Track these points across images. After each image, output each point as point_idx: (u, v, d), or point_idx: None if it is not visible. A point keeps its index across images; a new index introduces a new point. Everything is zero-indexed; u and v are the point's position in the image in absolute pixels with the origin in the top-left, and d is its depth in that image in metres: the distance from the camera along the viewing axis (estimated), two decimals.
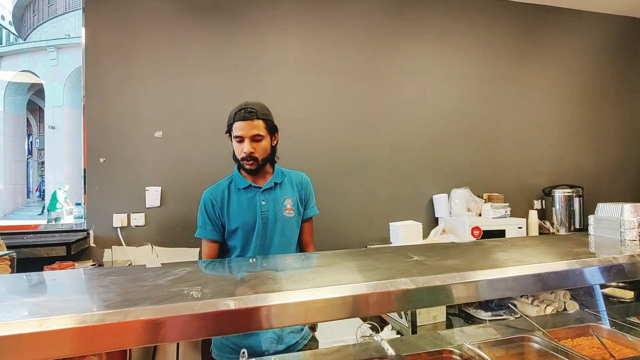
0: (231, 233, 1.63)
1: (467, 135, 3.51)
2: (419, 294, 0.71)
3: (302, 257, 1.15)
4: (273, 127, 1.64)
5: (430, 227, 3.15)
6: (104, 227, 2.74)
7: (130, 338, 0.56)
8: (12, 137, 17.32)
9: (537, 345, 1.45)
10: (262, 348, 1.53)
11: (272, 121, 1.63)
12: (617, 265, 0.80)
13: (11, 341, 0.52)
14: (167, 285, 0.71)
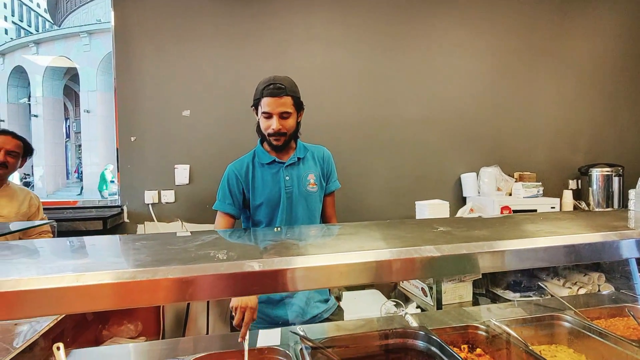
0: (256, 208, 1.65)
1: (498, 111, 3.37)
2: (444, 262, 0.70)
3: (327, 227, 1.16)
4: (300, 104, 1.63)
5: (457, 206, 3.09)
6: (137, 204, 2.85)
7: (159, 295, 0.58)
8: (51, 121, 18.16)
9: (568, 324, 1.41)
10: (290, 317, 1.57)
11: (299, 97, 1.62)
12: None
13: (52, 293, 0.55)
14: (194, 249, 0.73)
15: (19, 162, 2.06)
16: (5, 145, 1.98)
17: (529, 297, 2.77)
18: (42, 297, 0.54)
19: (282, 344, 1.20)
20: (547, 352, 1.35)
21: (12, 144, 2.00)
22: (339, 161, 1.91)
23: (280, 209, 1.62)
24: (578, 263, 1.17)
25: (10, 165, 1.99)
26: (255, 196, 1.63)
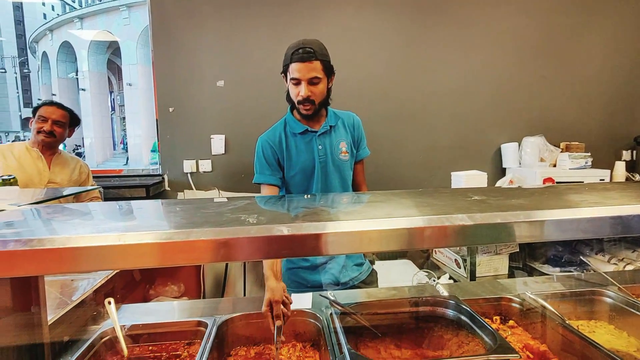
0: (290, 178, 1.65)
1: (545, 77, 3.13)
2: (477, 231, 0.68)
3: (357, 194, 1.15)
4: (330, 69, 1.55)
5: (496, 178, 2.97)
6: (176, 173, 2.97)
7: (193, 255, 0.61)
8: (97, 94, 19.03)
9: (610, 300, 1.35)
10: (326, 282, 1.61)
11: (329, 62, 1.55)
12: None
13: (96, 251, 0.59)
14: (227, 212, 0.76)
15: (66, 131, 2.18)
16: (51, 115, 2.10)
17: (569, 272, 2.66)
18: (88, 254, 0.58)
19: (313, 307, 1.24)
20: (585, 328, 1.31)
21: (58, 113, 2.12)
22: (372, 130, 1.88)
23: (315, 178, 1.61)
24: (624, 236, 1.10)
25: (57, 134, 2.12)
26: (290, 166, 1.63)
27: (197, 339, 1.17)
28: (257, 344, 1.18)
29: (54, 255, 0.59)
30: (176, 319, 1.25)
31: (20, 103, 32.96)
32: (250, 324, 1.20)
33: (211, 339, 1.08)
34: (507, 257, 2.60)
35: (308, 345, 1.18)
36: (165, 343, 1.16)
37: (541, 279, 1.60)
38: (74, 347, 1.07)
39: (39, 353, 0.96)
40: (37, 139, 2.09)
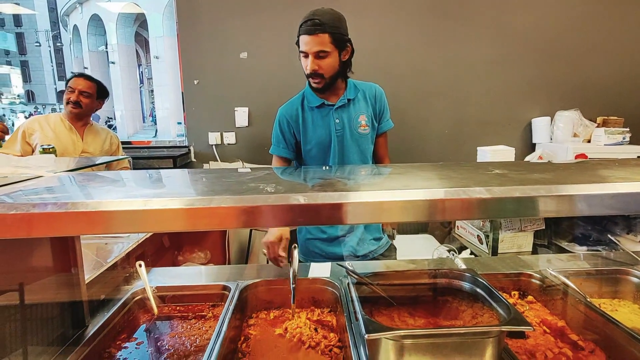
0: (307, 152, 1.65)
1: (584, 48, 2.93)
2: (495, 204, 0.67)
3: (376, 167, 1.16)
4: (342, 41, 1.47)
5: (524, 154, 2.88)
6: (202, 144, 3.04)
7: (214, 221, 0.64)
8: (126, 67, 19.37)
9: (636, 280, 1.32)
10: (343, 253, 1.65)
11: (340, 34, 1.46)
12: None
13: (124, 215, 0.63)
14: (246, 182, 0.78)
15: (94, 102, 2.24)
16: (78, 86, 2.17)
17: (596, 251, 2.59)
18: (117, 217, 0.62)
19: (332, 277, 1.28)
20: (607, 306, 1.29)
21: (84, 84, 2.19)
22: (398, 104, 1.84)
23: (332, 152, 1.60)
24: None
25: (83, 104, 2.18)
26: (306, 140, 1.62)
27: (221, 301, 1.24)
28: (276, 308, 1.23)
29: (87, 218, 0.63)
30: (202, 283, 1.32)
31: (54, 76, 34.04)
32: (271, 289, 1.25)
33: (234, 302, 1.14)
34: (531, 234, 2.55)
35: (326, 311, 1.22)
36: (191, 304, 1.24)
37: (564, 257, 1.57)
38: (109, 304, 1.15)
39: (78, 309, 1.04)
40: (66, 109, 2.18)
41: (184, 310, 1.23)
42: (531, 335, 1.10)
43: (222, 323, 1.02)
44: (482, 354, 0.77)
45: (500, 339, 0.77)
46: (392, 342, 0.76)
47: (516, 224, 2.47)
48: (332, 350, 1.02)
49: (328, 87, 1.55)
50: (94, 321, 1.06)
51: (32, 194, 0.74)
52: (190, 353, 1.01)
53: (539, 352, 1.01)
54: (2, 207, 0.63)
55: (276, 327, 1.13)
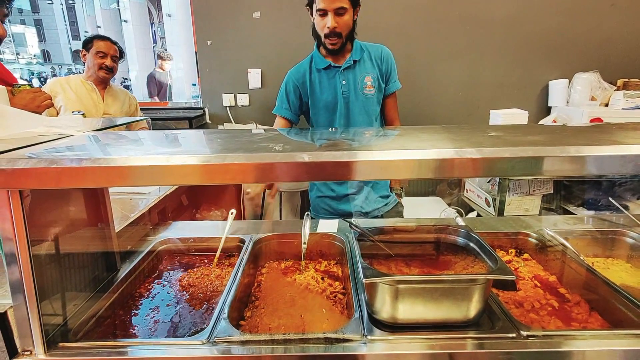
0: (314, 114, 1.70)
1: (608, 2, 2.78)
2: (485, 164, 0.73)
3: (379, 129, 1.20)
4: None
5: (539, 118, 2.84)
6: (216, 106, 3.10)
7: (228, 176, 0.72)
8: (138, 26, 19.05)
9: (631, 240, 1.37)
10: (352, 211, 1.74)
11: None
12: None
13: (148, 170, 0.72)
14: (257, 141, 0.85)
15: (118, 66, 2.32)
16: (109, 50, 2.22)
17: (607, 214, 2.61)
18: (142, 172, 0.71)
19: (338, 232, 1.37)
20: (600, 264, 1.35)
21: (114, 49, 2.25)
22: (409, 66, 1.84)
23: (338, 113, 1.65)
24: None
25: (115, 70, 2.27)
26: (314, 102, 1.68)
27: (236, 252, 1.35)
28: (287, 259, 1.34)
29: (117, 172, 0.72)
30: (218, 235, 1.43)
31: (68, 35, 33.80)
32: (282, 242, 1.36)
33: (248, 252, 1.25)
34: (539, 198, 2.59)
35: (332, 263, 1.33)
36: (210, 254, 1.36)
37: (564, 218, 1.63)
38: (137, 252, 1.28)
39: (110, 255, 1.17)
40: (97, 74, 2.23)
41: (204, 259, 1.35)
42: (522, 288, 1.19)
43: (237, 270, 1.13)
44: (469, 299, 0.86)
45: (486, 287, 0.85)
46: (388, 287, 0.85)
47: (524, 188, 2.51)
48: (336, 296, 1.13)
49: (342, 48, 1.59)
50: (124, 266, 1.18)
51: (66, 151, 0.83)
52: (210, 294, 1.13)
53: (527, 303, 1.09)
54: (43, 161, 0.72)
55: (287, 276, 1.24)
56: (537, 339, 0.83)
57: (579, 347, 0.80)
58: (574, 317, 1.04)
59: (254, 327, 0.99)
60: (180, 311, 1.06)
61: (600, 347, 0.80)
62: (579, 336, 0.83)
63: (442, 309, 0.86)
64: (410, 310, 0.86)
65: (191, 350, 0.84)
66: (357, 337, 0.84)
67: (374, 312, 0.90)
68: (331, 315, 1.02)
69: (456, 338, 0.85)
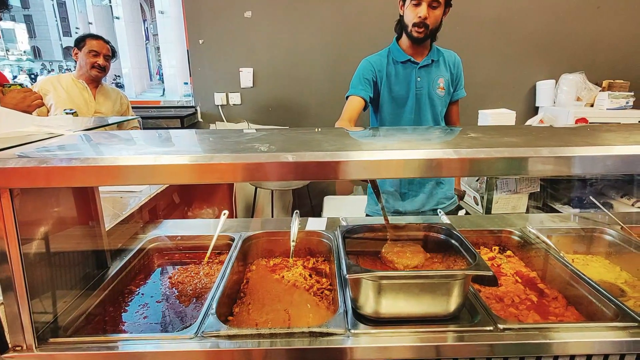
0: (383, 104, 1.71)
1: (595, 5, 2.83)
2: (462, 164, 0.76)
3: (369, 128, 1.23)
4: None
5: (526, 117, 2.89)
6: (208, 105, 3.11)
7: (214, 175, 0.74)
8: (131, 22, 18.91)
9: (609, 238, 1.42)
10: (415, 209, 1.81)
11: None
12: None
13: (136, 169, 0.74)
14: (244, 142, 0.88)
15: None
16: (102, 49, 2.23)
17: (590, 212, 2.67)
18: (129, 171, 0.73)
19: (327, 230, 1.40)
20: (580, 261, 1.40)
21: (106, 48, 2.25)
22: None
23: (408, 108, 1.68)
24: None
25: (107, 68, 2.27)
26: (386, 92, 1.69)
27: (226, 250, 1.37)
28: (276, 257, 1.37)
29: (105, 171, 0.74)
30: (209, 234, 1.45)
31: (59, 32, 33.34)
32: (271, 240, 1.38)
33: (237, 250, 1.27)
34: (526, 196, 2.64)
35: (320, 260, 1.36)
36: (200, 252, 1.38)
37: (549, 216, 1.67)
38: (128, 250, 1.30)
39: (100, 252, 1.19)
40: (90, 73, 2.23)
41: (193, 257, 1.37)
42: (503, 283, 1.22)
43: (226, 267, 1.16)
44: (448, 294, 0.89)
45: (465, 282, 0.89)
46: (371, 283, 0.88)
47: (511, 186, 2.56)
48: (323, 292, 1.16)
49: (424, 40, 1.63)
50: (115, 264, 1.20)
51: (57, 150, 0.84)
52: (199, 291, 1.15)
53: (507, 298, 1.13)
54: (33, 161, 0.74)
55: (275, 273, 1.27)
56: (513, 332, 0.87)
57: (552, 339, 0.84)
58: (552, 311, 1.08)
59: (241, 322, 1.01)
60: (170, 307, 1.08)
61: (572, 339, 0.84)
62: (552, 329, 0.87)
63: (423, 303, 0.89)
64: (392, 305, 0.89)
65: (179, 344, 0.86)
66: (341, 331, 0.87)
67: (358, 307, 0.93)
68: (317, 310, 1.05)
69: (437, 331, 0.88)
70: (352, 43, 2.86)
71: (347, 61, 2.88)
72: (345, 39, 2.87)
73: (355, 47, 2.84)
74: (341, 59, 2.90)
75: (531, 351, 0.84)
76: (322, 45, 2.88)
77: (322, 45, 2.88)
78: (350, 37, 2.86)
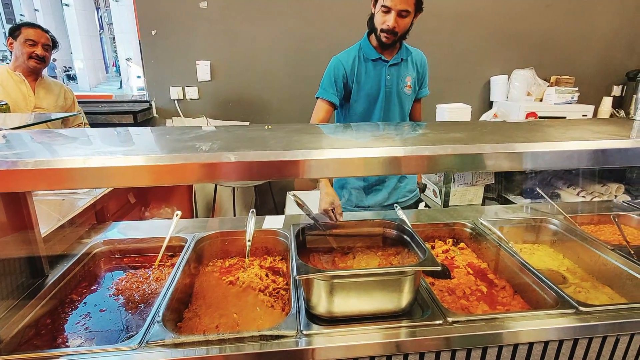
0: (354, 102, 1.72)
1: (550, 4, 2.96)
2: (410, 161, 0.76)
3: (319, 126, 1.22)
4: (420, 4, 1.57)
5: (482, 111, 2.99)
6: (164, 99, 2.97)
7: (145, 178, 0.70)
8: (82, 10, 17.71)
9: (554, 227, 1.49)
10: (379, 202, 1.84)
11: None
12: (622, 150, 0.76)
13: (65, 173, 0.68)
14: (187, 140, 0.83)
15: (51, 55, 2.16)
16: (40, 39, 2.06)
17: (540, 203, 2.82)
18: (56, 175, 0.67)
19: (284, 228, 1.38)
20: (527, 250, 1.46)
21: (45, 37, 2.08)
22: None
23: (378, 106, 1.70)
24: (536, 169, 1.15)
25: (47, 59, 2.10)
26: (357, 89, 1.70)
27: (179, 252, 1.32)
28: (232, 257, 1.33)
29: (29, 175, 0.68)
30: (161, 236, 1.39)
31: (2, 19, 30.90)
32: (226, 240, 1.34)
33: (189, 252, 1.22)
34: (482, 188, 2.74)
35: (278, 259, 1.34)
36: (150, 255, 1.32)
37: (500, 208, 1.74)
38: (70, 256, 1.21)
39: (36, 260, 1.10)
40: (27, 64, 2.06)
41: (143, 261, 1.31)
42: (456, 275, 1.26)
43: (176, 271, 1.11)
44: (399, 290, 0.90)
45: (415, 277, 0.90)
46: (322, 282, 0.87)
47: (468, 179, 2.64)
48: (279, 292, 1.14)
49: (393, 45, 1.64)
50: (54, 271, 1.12)
51: None
52: (147, 297, 1.10)
53: (459, 289, 1.16)
54: None
55: (230, 274, 1.23)
56: (461, 324, 0.89)
57: (496, 329, 0.87)
58: (500, 300, 1.13)
59: (193, 328, 0.98)
60: (115, 316, 1.02)
61: (514, 329, 0.87)
62: (497, 319, 0.90)
63: (374, 301, 0.90)
64: (344, 304, 0.89)
65: (122, 356, 0.81)
66: (293, 333, 0.86)
67: (311, 308, 0.91)
68: (271, 312, 1.03)
69: (388, 328, 0.89)
70: (313, 37, 2.83)
71: (309, 55, 2.85)
72: (306, 33, 2.83)
73: (317, 41, 2.81)
74: (303, 53, 2.86)
75: (477, 342, 0.86)
76: (282, 39, 2.83)
77: (282, 38, 2.83)
78: (311, 31, 2.83)
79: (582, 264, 1.34)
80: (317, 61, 2.74)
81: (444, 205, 2.58)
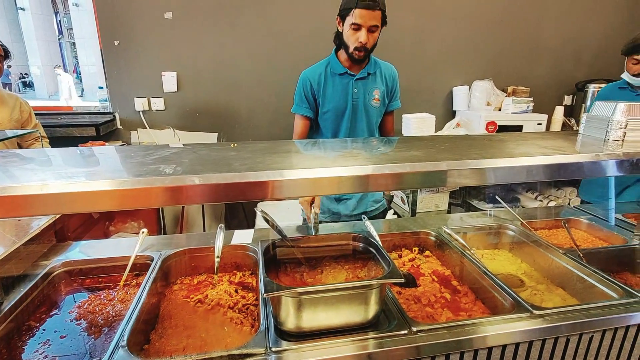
0: (322, 115, 1.76)
1: (503, 20, 3.15)
2: (372, 180, 0.79)
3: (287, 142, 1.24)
4: (385, 19, 1.62)
5: (445, 121, 3.11)
6: (128, 111, 2.90)
7: (107, 203, 0.69)
8: (39, 15, 16.93)
9: (511, 233, 1.57)
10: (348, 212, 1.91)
11: (385, 12, 1.61)
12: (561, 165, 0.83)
13: (19, 199, 0.66)
14: (150, 162, 0.83)
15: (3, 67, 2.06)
16: None
17: (502, 208, 2.96)
18: (11, 202, 0.65)
19: (253, 242, 1.38)
20: (488, 255, 1.54)
21: None
22: None
23: (345, 118, 1.74)
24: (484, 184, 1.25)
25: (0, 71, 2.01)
26: (325, 103, 1.74)
27: (145, 270, 1.29)
28: (200, 274, 1.32)
29: None
30: (125, 254, 1.35)
31: None
32: (194, 257, 1.33)
33: (156, 270, 1.20)
34: (447, 194, 2.84)
35: (247, 274, 1.33)
36: (114, 275, 1.28)
37: (464, 215, 1.81)
38: (27, 279, 1.16)
39: None
40: None
41: (107, 281, 1.27)
42: (422, 283, 1.30)
43: (142, 291, 1.09)
44: (365, 303, 0.92)
45: (380, 290, 0.93)
46: (290, 299, 0.88)
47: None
48: (248, 308, 1.14)
49: (364, 60, 1.69)
50: (10, 297, 1.07)
51: None
52: (112, 320, 1.07)
53: (424, 297, 1.20)
54: None
55: (198, 292, 1.22)
56: (425, 333, 0.92)
57: (458, 336, 0.91)
58: (462, 307, 1.18)
59: (159, 350, 0.96)
60: (76, 342, 0.99)
61: (474, 335, 0.91)
62: (458, 326, 0.94)
63: (342, 314, 0.92)
64: (312, 319, 0.90)
65: None
66: (262, 351, 0.86)
67: (280, 324, 0.92)
68: (240, 329, 1.03)
69: (356, 340, 0.91)
70: (280, 47, 2.85)
71: (276, 65, 2.86)
72: (273, 43, 2.85)
73: (284, 50, 2.83)
74: (270, 63, 2.87)
75: (440, 350, 0.90)
76: (249, 49, 2.84)
77: (249, 48, 2.83)
78: (278, 41, 2.85)
79: (538, 268, 1.43)
80: (285, 70, 2.77)
81: (411, 213, 2.65)
